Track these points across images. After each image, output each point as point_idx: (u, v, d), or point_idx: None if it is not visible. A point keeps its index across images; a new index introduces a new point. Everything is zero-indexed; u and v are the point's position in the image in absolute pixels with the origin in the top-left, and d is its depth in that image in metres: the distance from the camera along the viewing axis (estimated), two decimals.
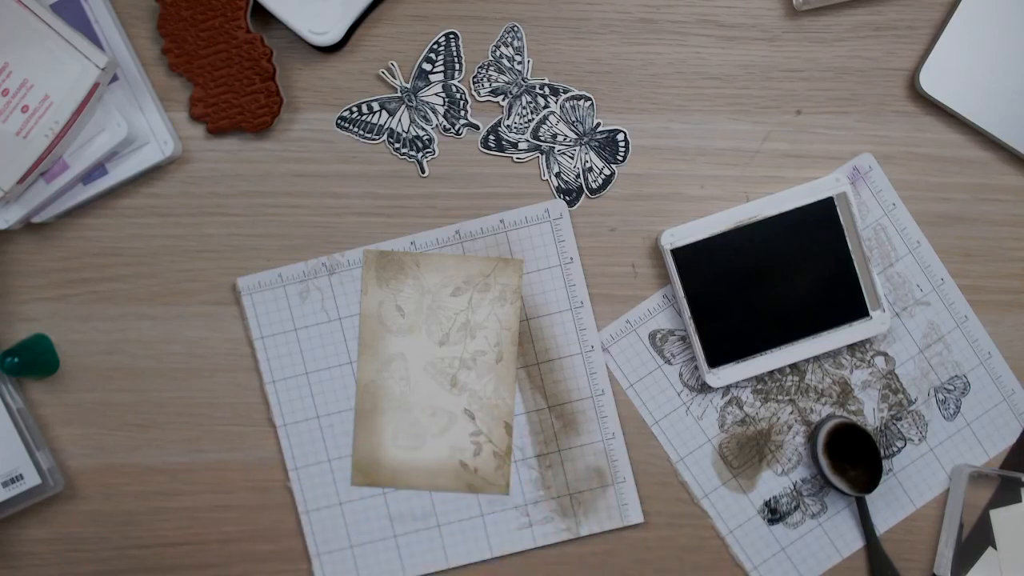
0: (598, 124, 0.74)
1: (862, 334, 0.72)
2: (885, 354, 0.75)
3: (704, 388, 0.74)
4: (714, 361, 0.72)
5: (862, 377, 0.74)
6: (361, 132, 0.74)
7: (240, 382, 0.74)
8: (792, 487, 0.74)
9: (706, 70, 0.74)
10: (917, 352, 0.75)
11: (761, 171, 0.74)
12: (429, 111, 0.74)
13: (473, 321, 0.73)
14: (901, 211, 0.74)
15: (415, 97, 0.74)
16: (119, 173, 0.71)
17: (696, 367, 0.74)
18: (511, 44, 0.73)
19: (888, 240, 0.74)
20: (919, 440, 0.75)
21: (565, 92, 0.74)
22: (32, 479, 0.70)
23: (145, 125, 0.71)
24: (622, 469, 0.74)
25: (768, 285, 0.72)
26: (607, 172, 0.74)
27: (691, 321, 0.72)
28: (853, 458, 0.72)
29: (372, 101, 0.74)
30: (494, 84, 0.73)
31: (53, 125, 0.66)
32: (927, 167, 0.74)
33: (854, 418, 0.74)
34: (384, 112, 0.74)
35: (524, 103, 0.73)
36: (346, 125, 0.74)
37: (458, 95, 0.74)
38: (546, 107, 0.74)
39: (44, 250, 0.74)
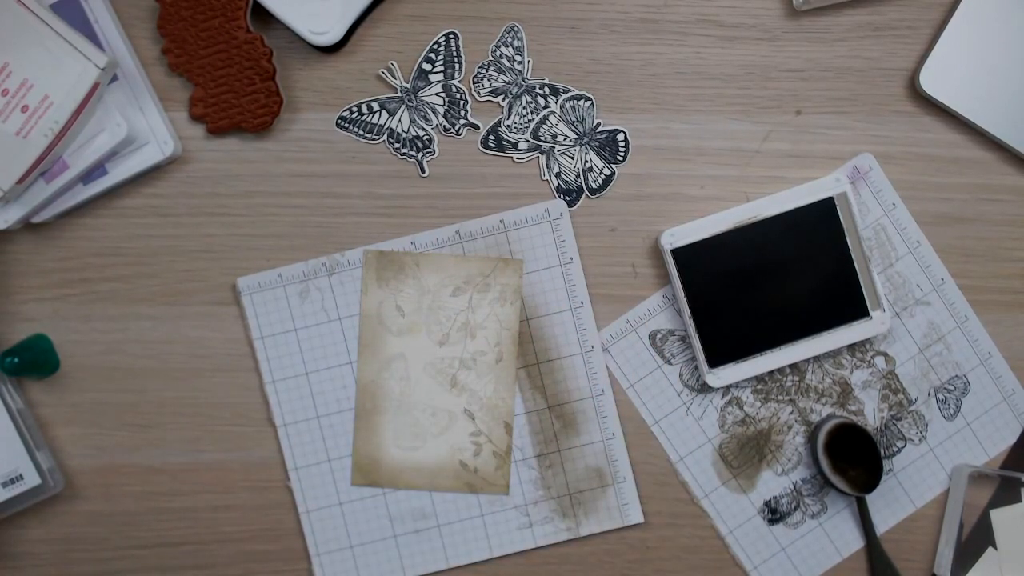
0: (598, 124, 0.74)
1: (862, 334, 0.72)
2: (885, 354, 0.74)
3: (704, 388, 0.74)
4: (714, 361, 0.72)
5: (862, 377, 0.74)
6: (361, 132, 0.74)
7: (240, 382, 0.74)
8: (792, 487, 0.74)
9: (706, 70, 0.74)
10: (917, 352, 0.75)
11: (761, 171, 0.74)
12: (429, 111, 0.74)
13: (473, 321, 0.73)
14: (901, 211, 0.74)
15: (415, 97, 0.74)
16: (119, 173, 0.71)
17: (696, 367, 0.74)
18: (511, 44, 0.73)
19: (888, 240, 0.74)
20: (919, 440, 0.75)
21: (565, 92, 0.74)
22: (32, 479, 0.70)
23: (145, 125, 0.71)
24: (622, 469, 0.74)
25: (768, 285, 0.72)
26: (607, 172, 0.74)
27: (691, 321, 0.72)
28: (853, 458, 0.72)
29: (372, 101, 0.73)
30: (494, 84, 0.73)
31: (53, 125, 0.66)
32: (927, 167, 0.74)
33: (854, 418, 0.74)
34: (384, 112, 0.73)
35: (524, 103, 0.73)
36: (346, 125, 0.74)
37: (458, 95, 0.74)
38: (546, 107, 0.74)
39: (44, 250, 0.74)
